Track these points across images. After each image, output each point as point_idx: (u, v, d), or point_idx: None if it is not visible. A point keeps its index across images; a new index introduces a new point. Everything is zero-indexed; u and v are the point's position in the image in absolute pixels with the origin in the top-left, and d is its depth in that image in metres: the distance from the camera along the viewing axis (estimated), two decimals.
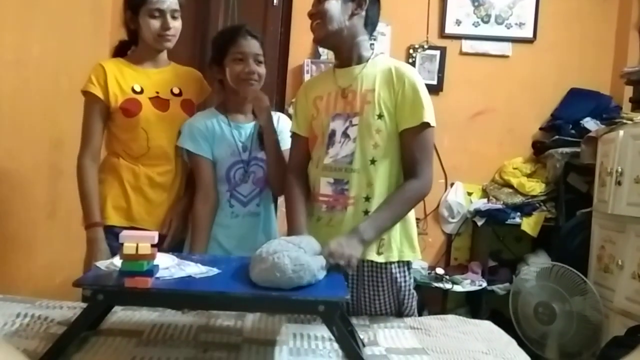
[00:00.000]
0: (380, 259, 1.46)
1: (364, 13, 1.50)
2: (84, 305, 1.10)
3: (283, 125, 1.76)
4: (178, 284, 1.10)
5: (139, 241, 1.03)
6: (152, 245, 1.05)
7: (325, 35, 1.48)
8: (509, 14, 3.12)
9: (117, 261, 1.12)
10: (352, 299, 1.47)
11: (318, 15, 1.48)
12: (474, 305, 2.95)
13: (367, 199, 1.45)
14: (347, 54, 1.52)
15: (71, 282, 1.09)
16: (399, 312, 1.53)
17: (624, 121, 2.40)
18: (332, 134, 1.49)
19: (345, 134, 1.47)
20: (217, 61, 1.69)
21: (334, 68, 1.58)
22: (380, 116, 1.45)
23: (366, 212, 1.45)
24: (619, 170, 2.27)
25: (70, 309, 1.38)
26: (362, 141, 1.45)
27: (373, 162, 1.45)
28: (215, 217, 1.69)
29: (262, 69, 1.66)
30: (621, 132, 2.32)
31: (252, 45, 1.65)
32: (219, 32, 1.83)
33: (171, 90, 1.73)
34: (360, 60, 1.52)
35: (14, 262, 2.19)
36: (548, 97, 3.09)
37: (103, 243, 1.61)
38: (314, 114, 1.55)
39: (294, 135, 1.62)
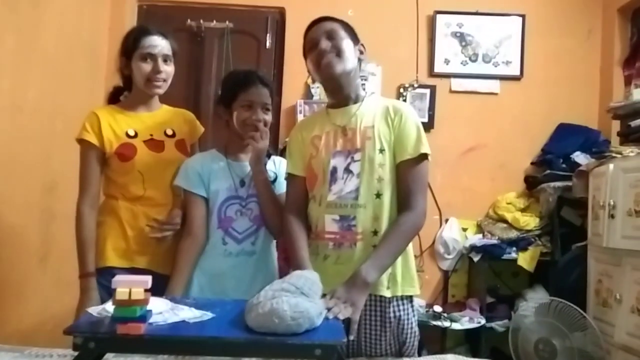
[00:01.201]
0: (388, 294, 1.45)
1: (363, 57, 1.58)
2: (75, 353, 1.07)
3: (283, 169, 1.75)
4: (171, 329, 1.08)
5: (132, 286, 1.02)
6: (146, 290, 1.04)
7: (343, 71, 1.51)
8: (495, 53, 3.21)
9: (109, 307, 1.10)
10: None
11: (333, 50, 1.50)
12: (473, 343, 2.90)
13: (375, 232, 1.46)
14: (346, 93, 1.56)
15: (62, 328, 1.07)
16: (400, 353, 1.49)
17: (614, 155, 2.43)
18: (334, 170, 1.50)
19: (347, 170, 1.49)
20: (225, 102, 1.70)
21: (327, 108, 1.61)
22: (381, 150, 1.48)
23: (375, 246, 1.44)
24: (612, 203, 2.28)
25: (60, 357, 1.35)
26: (366, 176, 1.47)
27: (378, 195, 1.47)
28: (198, 257, 1.65)
29: (268, 116, 1.69)
30: (611, 166, 2.35)
31: (262, 94, 1.67)
32: (231, 73, 1.82)
33: (165, 132, 1.76)
34: (357, 99, 1.56)
35: (4, 307, 2.15)
36: (538, 133, 3.14)
37: (95, 292, 1.61)
38: (313, 153, 1.56)
39: (290, 177, 1.62)
